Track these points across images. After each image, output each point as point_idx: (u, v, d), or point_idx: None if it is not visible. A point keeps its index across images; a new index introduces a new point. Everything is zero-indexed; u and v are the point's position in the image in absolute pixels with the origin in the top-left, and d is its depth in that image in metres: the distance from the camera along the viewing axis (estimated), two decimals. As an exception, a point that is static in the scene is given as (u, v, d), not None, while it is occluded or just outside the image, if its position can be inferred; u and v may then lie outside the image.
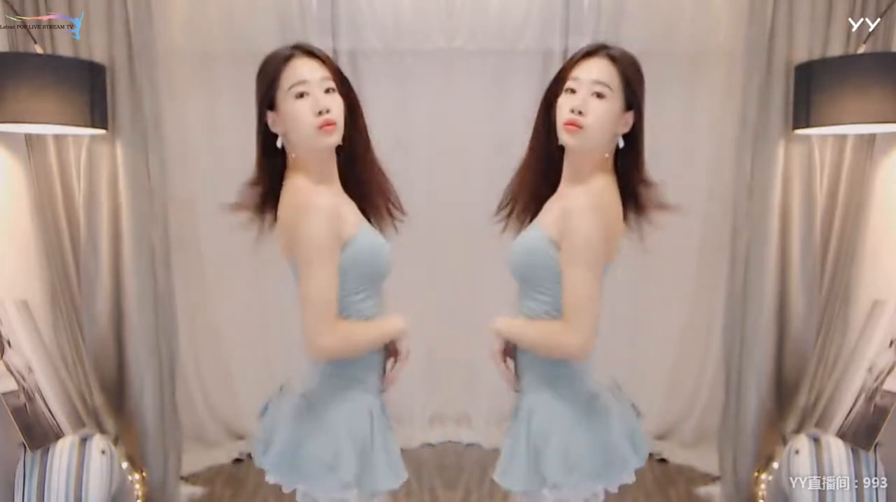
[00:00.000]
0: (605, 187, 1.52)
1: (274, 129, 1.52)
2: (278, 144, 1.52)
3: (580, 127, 1.46)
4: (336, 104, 1.48)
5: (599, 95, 1.46)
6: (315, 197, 1.47)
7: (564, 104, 1.49)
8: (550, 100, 1.56)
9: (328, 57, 1.54)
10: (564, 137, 1.49)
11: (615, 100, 1.48)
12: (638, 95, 1.51)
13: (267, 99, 1.50)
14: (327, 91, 1.48)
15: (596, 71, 1.47)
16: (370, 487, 1.54)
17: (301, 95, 1.46)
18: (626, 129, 1.52)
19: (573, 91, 1.48)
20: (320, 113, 1.45)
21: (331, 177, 1.55)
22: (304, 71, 1.47)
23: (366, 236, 1.55)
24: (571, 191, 1.52)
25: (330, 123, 1.46)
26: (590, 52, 1.50)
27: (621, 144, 1.53)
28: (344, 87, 1.54)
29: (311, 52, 1.51)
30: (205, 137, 3.14)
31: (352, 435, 1.52)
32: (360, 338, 1.54)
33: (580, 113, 1.46)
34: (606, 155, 1.54)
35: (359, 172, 1.62)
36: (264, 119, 1.52)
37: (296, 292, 1.62)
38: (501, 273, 1.89)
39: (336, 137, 1.49)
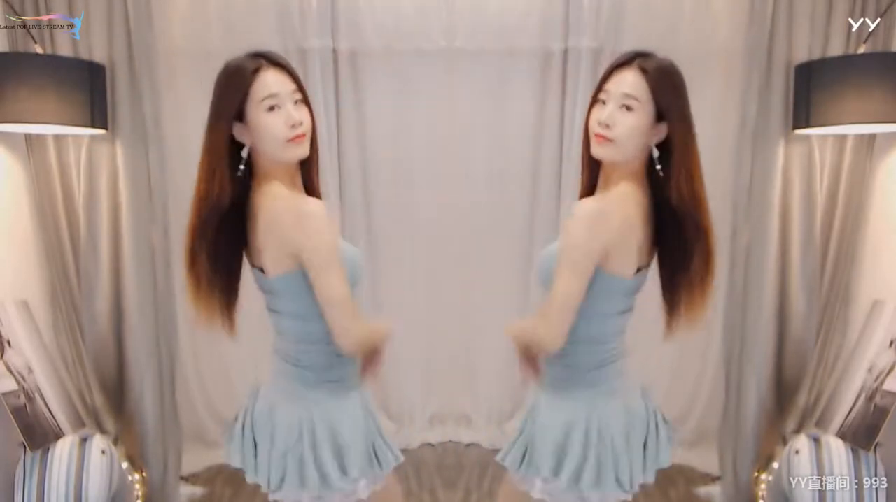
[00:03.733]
0: (624, 195, 1.50)
1: (240, 139, 1.52)
2: (243, 154, 1.51)
3: (609, 139, 1.47)
4: (306, 116, 1.51)
5: (628, 108, 1.46)
6: (310, 203, 1.48)
7: (594, 116, 1.50)
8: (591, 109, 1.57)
9: (290, 65, 1.54)
10: (594, 148, 1.51)
11: (644, 111, 1.47)
12: (671, 106, 1.49)
13: (236, 111, 1.49)
14: (296, 103, 1.50)
15: (625, 83, 1.47)
16: (381, 470, 1.63)
17: (272, 108, 1.47)
18: (657, 140, 1.51)
19: (603, 102, 1.49)
20: (293, 126, 1.48)
21: (299, 185, 1.58)
22: (275, 84, 1.48)
23: (344, 243, 1.59)
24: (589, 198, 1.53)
25: (300, 136, 1.48)
26: (623, 63, 1.50)
27: (656, 154, 1.51)
28: (305, 96, 1.55)
29: (277, 63, 1.51)
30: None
31: (358, 434, 1.58)
32: (372, 336, 1.56)
33: (607, 126, 1.47)
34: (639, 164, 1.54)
35: (311, 178, 1.63)
36: (230, 130, 1.50)
37: (262, 303, 1.63)
38: (502, 273, 1.90)
39: (306, 148, 1.52)
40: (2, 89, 2.19)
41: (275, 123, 1.47)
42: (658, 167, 1.52)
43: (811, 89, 2.34)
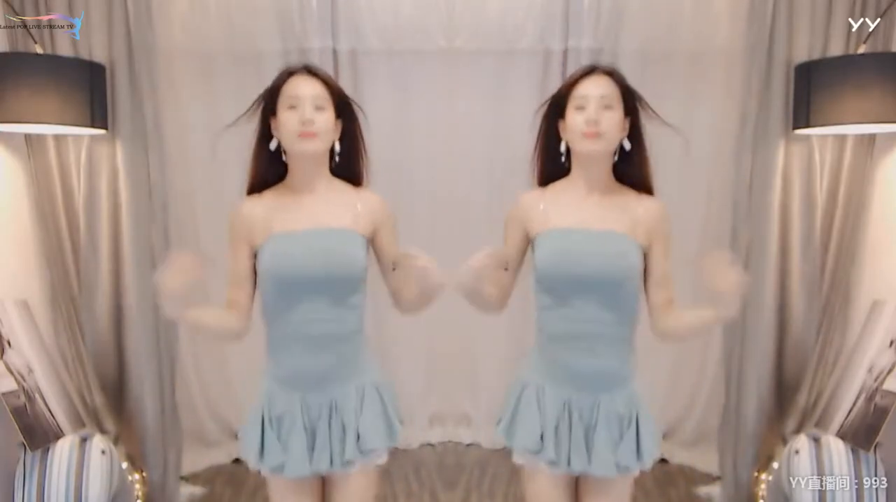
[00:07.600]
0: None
1: (274, 133, 1.70)
2: (271, 146, 1.70)
3: (599, 134, 1.64)
4: (322, 119, 1.66)
5: (608, 107, 1.65)
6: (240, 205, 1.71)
7: (578, 119, 1.66)
8: (552, 120, 1.75)
9: (332, 80, 1.72)
10: (585, 145, 1.66)
11: (619, 108, 1.67)
12: (632, 102, 1.70)
13: (270, 105, 1.70)
14: (318, 108, 1.66)
15: (601, 86, 1.66)
16: None
17: (292, 107, 1.65)
18: (626, 133, 1.70)
19: (582, 108, 1.66)
20: (303, 123, 1.64)
21: (308, 187, 1.71)
22: (300, 88, 1.67)
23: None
24: (642, 201, 1.71)
25: (309, 134, 1.64)
26: (587, 73, 1.70)
27: (627, 146, 1.70)
28: (343, 108, 1.73)
29: (315, 74, 1.71)
30: (205, 137, 3.14)
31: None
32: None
33: (596, 122, 1.64)
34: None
35: (355, 171, 1.82)
36: (265, 121, 1.71)
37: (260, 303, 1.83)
38: (501, 273, 1.89)
39: (315, 146, 1.66)
40: (2, 89, 2.19)
41: (289, 119, 1.65)
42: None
43: (811, 89, 2.34)
